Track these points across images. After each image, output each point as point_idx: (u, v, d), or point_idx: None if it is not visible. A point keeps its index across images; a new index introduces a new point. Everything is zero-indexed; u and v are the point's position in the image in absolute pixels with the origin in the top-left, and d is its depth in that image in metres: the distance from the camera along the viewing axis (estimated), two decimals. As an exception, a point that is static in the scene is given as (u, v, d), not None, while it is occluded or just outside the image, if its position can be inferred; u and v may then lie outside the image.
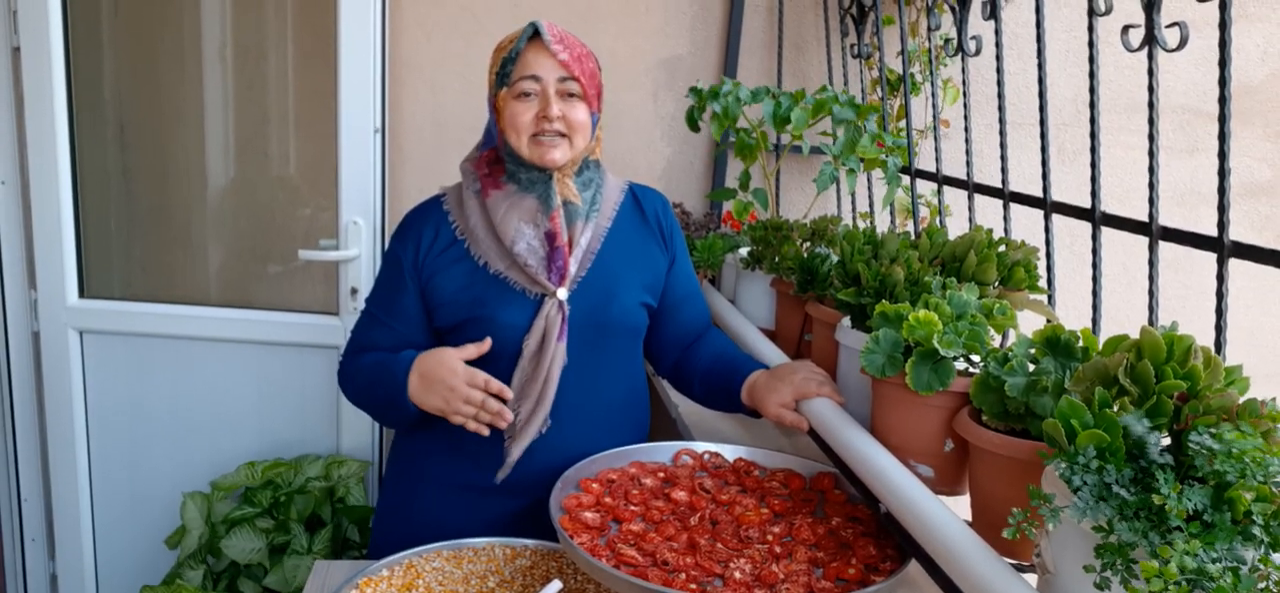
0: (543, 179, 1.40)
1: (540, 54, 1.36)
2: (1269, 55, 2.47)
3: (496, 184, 1.41)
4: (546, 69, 1.35)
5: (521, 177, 1.40)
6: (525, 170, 1.40)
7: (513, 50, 1.37)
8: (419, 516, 1.47)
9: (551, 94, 1.35)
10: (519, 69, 1.36)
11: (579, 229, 1.41)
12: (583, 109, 1.38)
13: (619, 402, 1.49)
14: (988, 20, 1.51)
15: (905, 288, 1.27)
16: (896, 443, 1.18)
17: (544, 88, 1.36)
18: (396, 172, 2.30)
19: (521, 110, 1.36)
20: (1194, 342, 0.85)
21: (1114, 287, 2.35)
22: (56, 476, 2.32)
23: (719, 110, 1.82)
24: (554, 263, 1.38)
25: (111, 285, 2.32)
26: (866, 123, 1.77)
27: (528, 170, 1.40)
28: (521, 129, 1.37)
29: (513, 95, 1.37)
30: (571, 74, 1.36)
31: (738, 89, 1.81)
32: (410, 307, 1.43)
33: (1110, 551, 0.72)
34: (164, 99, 2.29)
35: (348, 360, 1.48)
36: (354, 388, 1.47)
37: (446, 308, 1.41)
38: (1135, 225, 1.24)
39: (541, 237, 1.38)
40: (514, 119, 1.37)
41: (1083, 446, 0.79)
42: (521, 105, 1.36)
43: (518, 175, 1.41)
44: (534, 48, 1.36)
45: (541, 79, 1.36)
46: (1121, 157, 2.42)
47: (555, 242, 1.38)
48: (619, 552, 1.13)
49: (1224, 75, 1.04)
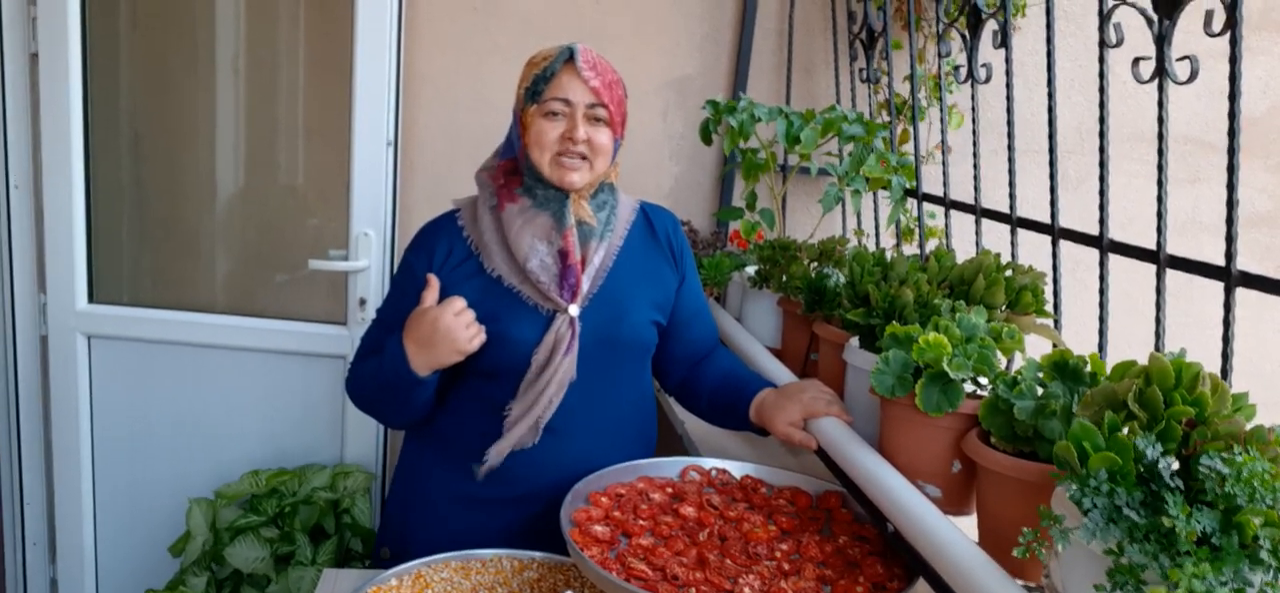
0: (559, 198, 1.41)
1: (573, 78, 1.37)
2: (1270, 89, 2.51)
3: (512, 197, 1.43)
4: (578, 93, 1.37)
5: (538, 193, 1.42)
6: (543, 187, 1.42)
7: (547, 69, 1.38)
8: (423, 529, 1.48)
9: (579, 118, 1.37)
10: (551, 90, 1.38)
11: (593, 248, 1.42)
12: (607, 134, 1.40)
13: (627, 417, 1.50)
14: (998, 49, 1.54)
15: (914, 310, 1.28)
16: (904, 463, 1.19)
17: (573, 111, 1.38)
18: (407, 184, 2.32)
19: (548, 129, 1.38)
20: (1202, 368, 0.87)
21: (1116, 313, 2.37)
22: (60, 480, 2.32)
23: (734, 125, 1.84)
24: (567, 280, 1.39)
25: (120, 291, 2.33)
26: (874, 142, 1.79)
27: (545, 188, 1.41)
28: (546, 147, 1.38)
29: (541, 113, 1.39)
30: (601, 101, 1.38)
31: (753, 106, 1.84)
32: None
33: (1121, 572, 0.74)
34: (178, 109, 2.31)
35: (355, 367, 1.49)
36: (362, 390, 1.47)
37: None
38: (1142, 253, 1.26)
39: (555, 254, 1.40)
40: (540, 136, 1.38)
41: (1095, 468, 0.81)
42: (548, 124, 1.38)
43: (535, 191, 1.42)
44: (568, 71, 1.38)
45: (572, 102, 1.37)
46: (1124, 184, 2.45)
47: (568, 260, 1.39)
48: (629, 566, 1.14)
49: (1234, 109, 1.06)
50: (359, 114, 2.14)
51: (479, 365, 1.42)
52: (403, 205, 2.30)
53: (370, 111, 2.14)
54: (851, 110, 1.84)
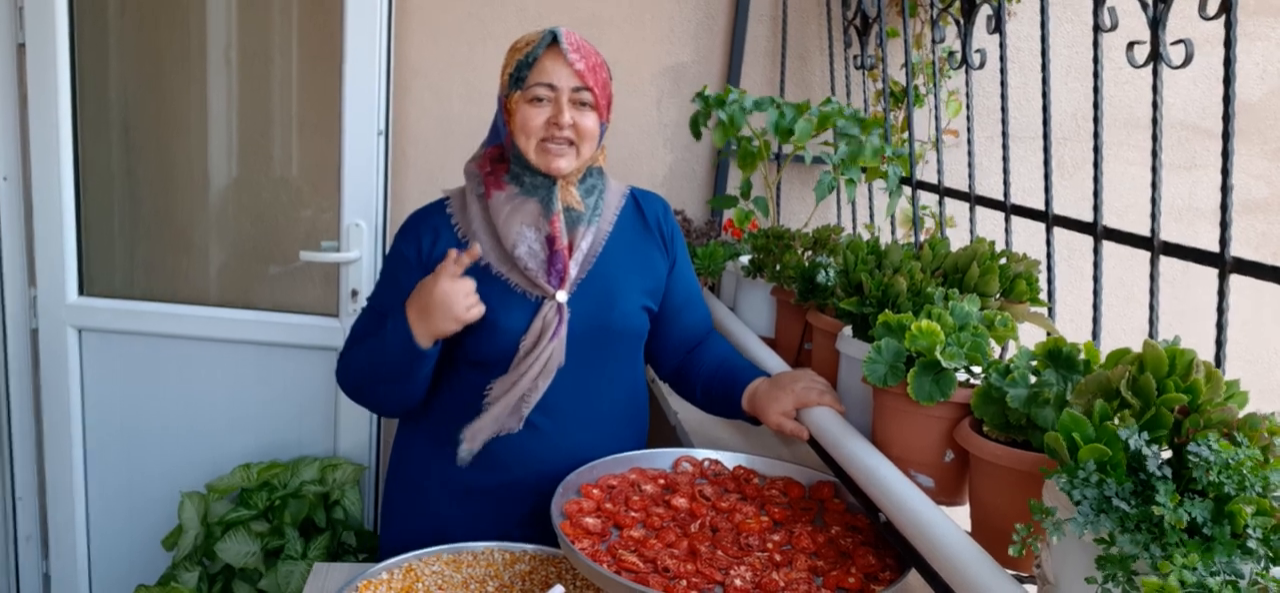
0: (546, 184, 1.40)
1: (557, 62, 1.36)
2: (1268, 73, 2.49)
3: (499, 184, 1.42)
4: (562, 77, 1.36)
5: (525, 180, 1.41)
6: (529, 174, 1.41)
7: (530, 54, 1.37)
8: (421, 520, 1.47)
9: (564, 102, 1.36)
10: (535, 75, 1.37)
11: (580, 234, 1.41)
12: (593, 118, 1.39)
13: (619, 406, 1.49)
14: (992, 34, 1.52)
15: (908, 298, 1.27)
16: (897, 453, 1.18)
17: (557, 96, 1.36)
18: (399, 175, 2.30)
19: (533, 114, 1.37)
20: (1196, 356, 0.86)
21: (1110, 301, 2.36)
22: (52, 474, 2.32)
23: (724, 118, 1.82)
24: (554, 266, 1.38)
25: (111, 284, 2.32)
26: (869, 137, 1.78)
27: (532, 174, 1.40)
28: (531, 133, 1.37)
29: (526, 99, 1.38)
30: (586, 84, 1.37)
31: (743, 97, 1.82)
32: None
33: (1112, 562, 0.73)
34: (168, 99, 2.29)
35: (346, 354, 1.47)
36: (355, 375, 1.45)
37: None
38: (1137, 240, 1.24)
39: (542, 240, 1.39)
40: (525, 123, 1.37)
41: (1084, 459, 0.80)
42: (533, 109, 1.37)
43: (521, 177, 1.41)
44: (551, 55, 1.36)
45: (556, 87, 1.36)
46: (1120, 171, 2.43)
47: (555, 245, 1.38)
48: (620, 558, 1.13)
49: (1228, 93, 1.05)
50: (349, 104, 2.13)
51: (469, 354, 1.41)
52: (395, 196, 2.29)
53: (360, 101, 2.13)
54: (847, 106, 1.82)
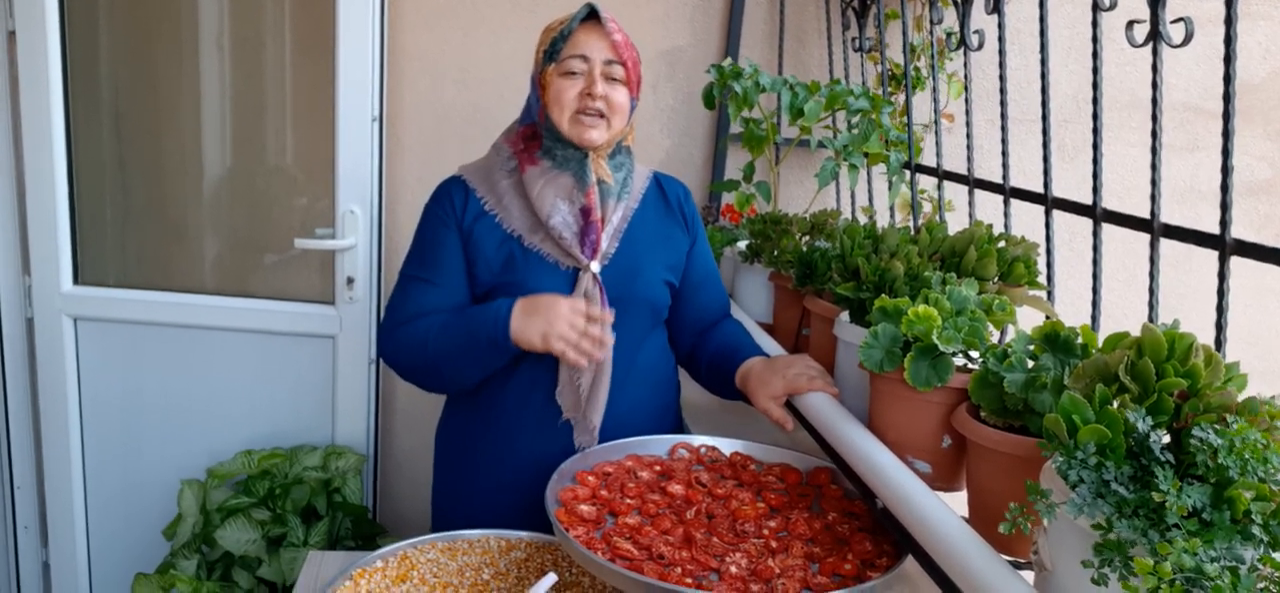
0: (579, 157, 1.44)
1: (592, 34, 1.41)
2: (1270, 53, 2.46)
3: (533, 160, 1.45)
4: (596, 50, 1.40)
5: (558, 154, 1.44)
6: (562, 148, 1.44)
7: (565, 29, 1.42)
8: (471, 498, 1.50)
9: (597, 74, 1.40)
10: (569, 47, 1.41)
11: (611, 207, 1.45)
12: (624, 93, 1.44)
13: (647, 375, 1.51)
14: (991, 14, 1.50)
15: (905, 283, 1.26)
16: (894, 439, 1.17)
17: (590, 68, 1.40)
18: (394, 161, 2.29)
19: (567, 87, 1.41)
20: (1195, 340, 0.85)
21: (1111, 284, 2.34)
22: (50, 463, 2.31)
23: (739, 92, 1.81)
24: (588, 237, 1.42)
25: (106, 272, 2.31)
26: (881, 114, 1.76)
27: (565, 148, 1.44)
28: (565, 105, 1.41)
29: (560, 72, 1.41)
30: (618, 57, 1.41)
31: (758, 74, 1.81)
32: (454, 261, 1.44)
33: (1109, 547, 0.72)
34: (161, 87, 2.27)
35: (399, 330, 1.43)
36: (417, 350, 1.41)
37: (485, 263, 1.42)
38: (1137, 222, 1.23)
39: (577, 212, 1.42)
40: (559, 95, 1.41)
41: (1083, 441, 0.78)
42: (567, 82, 1.41)
43: (554, 152, 1.44)
44: (586, 28, 1.41)
45: (590, 58, 1.40)
46: (1121, 153, 2.41)
47: (590, 217, 1.42)
48: (614, 545, 1.12)
49: (1229, 73, 1.03)
50: (343, 90, 2.11)
51: None
52: (390, 182, 2.27)
53: (354, 87, 2.11)
54: (857, 86, 1.81)
